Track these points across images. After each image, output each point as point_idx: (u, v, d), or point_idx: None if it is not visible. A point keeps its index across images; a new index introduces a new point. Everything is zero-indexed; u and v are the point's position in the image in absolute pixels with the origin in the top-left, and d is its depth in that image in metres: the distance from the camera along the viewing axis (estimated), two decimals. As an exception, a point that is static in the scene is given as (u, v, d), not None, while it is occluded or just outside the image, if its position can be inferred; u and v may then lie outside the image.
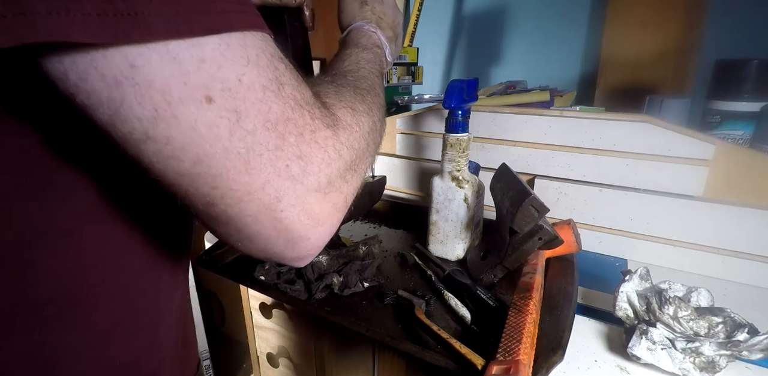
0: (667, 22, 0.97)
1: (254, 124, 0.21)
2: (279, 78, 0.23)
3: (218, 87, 0.20)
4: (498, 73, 1.33)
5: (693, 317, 0.45)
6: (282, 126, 0.22)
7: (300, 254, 0.26)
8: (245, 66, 0.21)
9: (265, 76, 0.22)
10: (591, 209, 0.72)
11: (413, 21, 1.18)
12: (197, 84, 0.19)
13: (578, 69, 1.19)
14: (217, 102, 0.20)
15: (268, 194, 0.23)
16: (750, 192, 0.61)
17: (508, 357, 0.38)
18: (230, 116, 0.20)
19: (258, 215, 0.23)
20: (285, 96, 0.23)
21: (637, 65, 1.03)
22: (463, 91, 0.60)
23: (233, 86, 0.20)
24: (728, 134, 0.78)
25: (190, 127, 0.20)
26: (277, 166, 0.22)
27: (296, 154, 0.23)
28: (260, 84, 0.21)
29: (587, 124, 0.70)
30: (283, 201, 0.23)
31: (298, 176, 0.23)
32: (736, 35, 0.93)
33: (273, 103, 0.22)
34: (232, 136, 0.21)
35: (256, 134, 0.21)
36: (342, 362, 0.62)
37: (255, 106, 0.21)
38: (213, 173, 0.21)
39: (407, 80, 1.11)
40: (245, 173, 0.21)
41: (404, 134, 0.92)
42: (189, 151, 0.20)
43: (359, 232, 0.80)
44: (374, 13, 0.49)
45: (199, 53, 0.19)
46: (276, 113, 0.22)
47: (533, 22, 1.24)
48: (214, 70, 0.20)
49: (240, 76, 0.21)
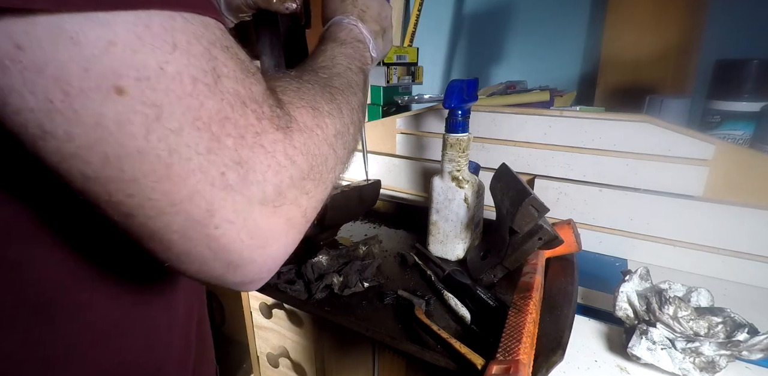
0: (667, 22, 0.97)
1: (180, 122, 0.18)
2: (216, 69, 0.19)
3: (132, 75, 0.17)
4: (498, 73, 1.33)
5: (693, 317, 0.45)
6: (217, 126, 0.19)
7: (245, 278, 0.23)
8: (170, 53, 0.18)
9: (196, 67, 0.18)
10: (591, 209, 0.72)
11: (413, 21, 1.18)
12: (103, 71, 0.16)
13: (578, 69, 1.19)
14: (130, 94, 0.17)
15: (198, 206, 0.19)
16: (750, 192, 0.61)
17: (508, 357, 0.38)
18: (147, 111, 0.17)
19: (186, 231, 0.20)
20: (223, 91, 0.19)
21: (637, 65, 1.03)
22: (463, 91, 0.60)
23: (152, 76, 0.17)
24: (728, 134, 0.78)
25: (95, 122, 0.17)
26: (210, 173, 0.19)
27: (234, 159, 0.20)
28: (190, 75, 0.18)
29: (587, 124, 0.70)
30: (217, 216, 0.20)
31: (237, 186, 0.20)
32: (736, 35, 0.93)
33: (206, 98, 0.19)
34: (150, 136, 0.17)
35: (183, 134, 0.18)
36: (342, 362, 0.62)
37: (182, 101, 0.18)
38: (126, 178, 0.18)
39: (407, 80, 1.11)
40: (167, 180, 0.18)
41: (404, 134, 0.92)
42: (95, 151, 0.17)
43: (359, 232, 0.80)
44: (356, 6, 0.45)
45: (107, 34, 0.16)
46: (210, 111, 0.19)
47: (533, 22, 1.24)
48: (127, 55, 0.17)
49: (162, 64, 0.17)
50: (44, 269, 0.24)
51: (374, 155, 0.96)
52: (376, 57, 0.45)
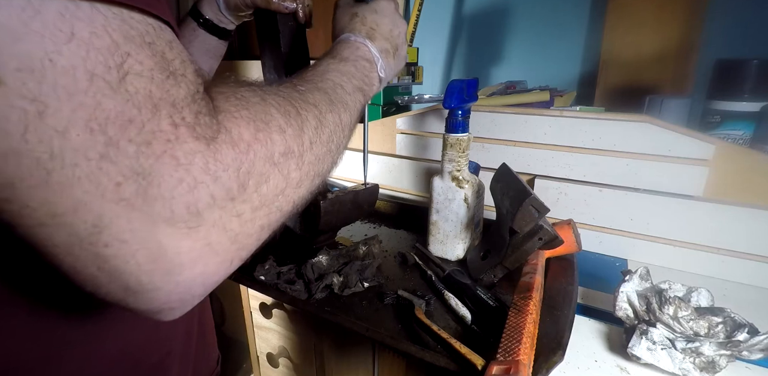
0: (667, 22, 0.97)
1: (68, 122, 0.16)
2: (125, 66, 0.17)
3: (12, 65, 0.15)
4: (498, 73, 1.33)
5: (693, 317, 0.45)
6: (116, 129, 0.17)
7: (151, 306, 0.20)
8: (64, 43, 0.16)
9: (97, 61, 0.16)
10: (591, 209, 0.72)
11: (413, 21, 1.18)
12: None
13: (578, 69, 1.19)
14: (7, 85, 0.15)
15: (84, 220, 0.17)
16: (750, 192, 0.61)
17: (508, 357, 0.38)
18: (28, 107, 0.15)
19: (71, 248, 0.17)
20: (130, 91, 0.17)
21: (637, 65, 1.03)
22: (463, 91, 0.60)
23: (37, 67, 0.15)
24: (728, 134, 0.78)
25: None
26: (101, 183, 0.17)
27: (134, 169, 0.17)
28: (86, 70, 0.16)
29: (587, 124, 0.70)
30: (106, 232, 0.17)
31: (136, 200, 0.17)
32: (736, 35, 0.93)
33: (105, 97, 0.16)
34: (28, 135, 0.15)
35: (69, 136, 0.16)
36: (342, 362, 0.62)
37: (73, 98, 0.16)
38: (1, 182, 0.16)
39: (407, 80, 1.11)
40: (46, 187, 0.16)
41: (404, 134, 0.92)
42: None
43: (359, 232, 0.80)
44: (365, 24, 0.43)
45: None
46: (108, 111, 0.16)
47: (533, 22, 1.24)
48: (6, 42, 0.15)
49: (51, 54, 0.15)
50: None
51: (374, 155, 0.96)
52: (384, 77, 0.42)
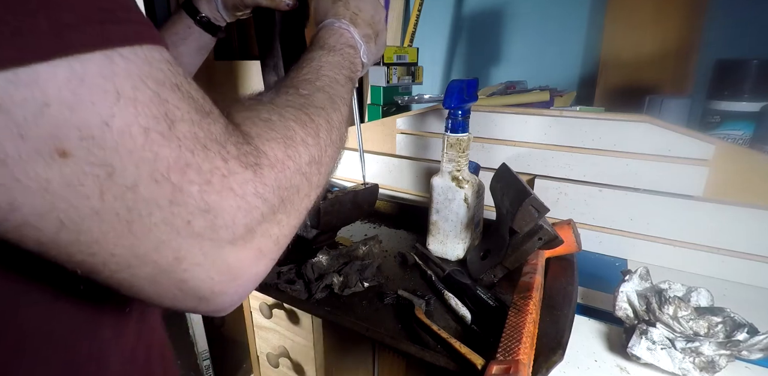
0: (667, 22, 0.97)
1: (135, 177, 0.17)
2: (169, 114, 0.18)
3: (75, 136, 0.15)
4: (498, 73, 1.33)
5: (693, 317, 0.45)
6: (178, 175, 0.18)
7: (218, 307, 0.23)
8: (114, 104, 0.16)
9: (146, 115, 0.17)
10: (591, 209, 0.72)
11: (413, 21, 1.18)
12: (41, 135, 0.15)
13: (578, 69, 1.19)
14: (75, 155, 0.15)
15: (165, 256, 0.19)
16: (750, 192, 0.61)
17: (508, 357, 0.38)
18: (98, 171, 0.16)
19: (155, 278, 0.19)
20: (180, 137, 0.18)
21: (637, 65, 1.03)
22: (463, 91, 0.60)
23: (97, 133, 0.16)
24: (728, 134, 0.78)
25: (42, 188, 0.15)
26: (175, 224, 0.18)
27: (201, 207, 0.19)
28: (140, 126, 0.17)
29: (587, 124, 0.70)
30: (185, 262, 0.19)
31: (206, 233, 0.19)
32: (736, 35, 0.93)
33: (161, 147, 0.17)
34: (105, 195, 0.16)
35: (139, 190, 0.17)
36: (342, 362, 0.62)
37: (134, 155, 0.17)
38: (85, 240, 0.17)
39: (407, 80, 1.11)
40: (129, 235, 0.17)
41: (404, 134, 0.92)
42: (47, 218, 0.16)
43: (359, 232, 0.80)
44: (348, 9, 0.43)
45: (35, 95, 0.14)
46: (167, 160, 0.17)
47: (533, 22, 1.24)
48: (64, 115, 0.15)
49: (107, 118, 0.16)
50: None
51: (374, 155, 0.96)
52: (367, 62, 0.43)
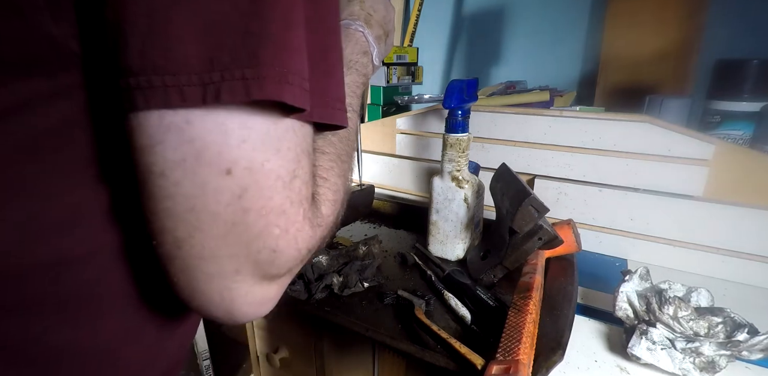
0: (667, 22, 0.97)
1: (251, 205, 0.22)
2: (296, 171, 0.24)
3: (243, 165, 0.22)
4: (498, 73, 1.33)
5: (693, 317, 0.45)
6: (274, 217, 0.23)
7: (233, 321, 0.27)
8: (274, 154, 0.23)
9: (285, 168, 0.23)
10: (591, 209, 0.72)
11: (413, 21, 1.18)
12: (229, 157, 0.21)
13: (578, 69, 1.19)
14: (234, 175, 0.22)
15: (230, 265, 0.23)
16: (750, 192, 0.61)
17: (507, 357, 0.38)
18: (237, 191, 0.22)
19: (212, 277, 0.24)
20: (292, 189, 0.24)
21: (637, 65, 1.03)
22: (463, 91, 0.60)
23: (255, 168, 0.22)
24: (728, 134, 0.78)
25: (201, 184, 0.21)
26: (251, 248, 0.23)
27: (272, 247, 0.24)
28: (277, 173, 0.23)
29: (587, 124, 0.70)
30: (239, 277, 0.24)
31: (263, 265, 0.24)
32: (736, 35, 0.93)
33: (277, 193, 0.23)
34: (228, 208, 0.22)
35: (248, 215, 0.22)
36: (342, 362, 0.62)
37: (262, 191, 0.22)
38: (197, 225, 0.22)
39: (407, 80, 1.11)
40: (221, 239, 0.23)
41: (404, 134, 0.92)
42: (189, 201, 0.22)
43: (359, 232, 0.80)
44: (363, 9, 0.44)
45: (245, 134, 0.21)
46: (275, 203, 0.23)
47: (533, 22, 1.24)
48: (248, 151, 0.22)
49: (264, 161, 0.22)
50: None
51: (374, 155, 0.96)
52: (377, 65, 0.44)
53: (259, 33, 0.20)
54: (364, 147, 0.99)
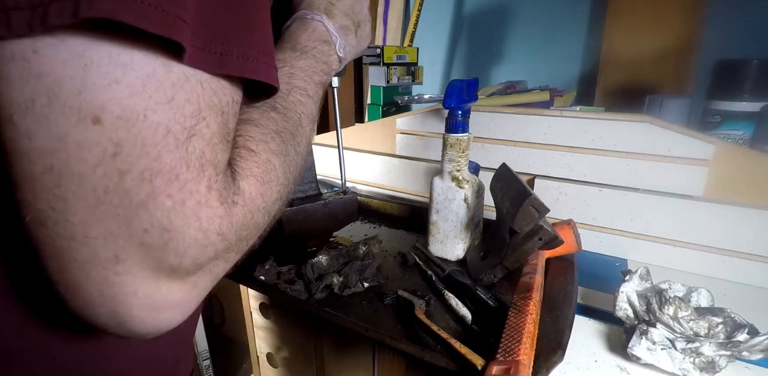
0: (667, 22, 0.97)
1: (129, 167, 0.18)
2: (195, 127, 0.19)
3: (115, 113, 0.17)
4: (498, 73, 1.33)
5: (693, 317, 0.45)
6: (162, 182, 0.18)
7: (127, 334, 0.21)
8: (164, 104, 0.18)
9: (178, 122, 0.19)
10: (591, 209, 0.72)
11: (413, 21, 1.18)
12: (93, 100, 0.17)
13: (578, 69, 1.19)
14: (103, 126, 0.17)
15: (107, 248, 0.19)
16: (750, 192, 0.61)
17: (508, 357, 0.38)
18: (109, 147, 0.17)
19: (87, 265, 0.19)
20: (189, 150, 0.19)
21: (637, 65, 1.03)
22: (463, 91, 0.60)
23: (132, 119, 0.17)
24: (728, 134, 0.78)
25: (58, 136, 0.17)
26: (132, 226, 0.18)
27: (163, 224, 0.19)
28: (165, 127, 0.18)
29: (587, 124, 0.70)
30: (121, 265, 0.19)
31: (154, 249, 0.19)
32: (736, 35, 0.93)
33: (167, 152, 0.18)
34: (98, 168, 0.17)
35: (125, 179, 0.18)
36: (342, 362, 0.62)
37: (144, 148, 0.18)
38: (58, 193, 0.18)
39: (407, 80, 1.11)
40: (90, 212, 0.18)
41: (404, 134, 0.92)
42: (45, 158, 0.17)
43: (359, 232, 0.80)
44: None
45: (116, 74, 0.17)
46: (163, 165, 0.18)
47: (533, 22, 1.24)
48: (123, 95, 0.17)
49: (148, 111, 0.18)
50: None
51: (374, 155, 0.96)
52: (344, 57, 0.41)
53: None
54: (363, 147, 0.99)
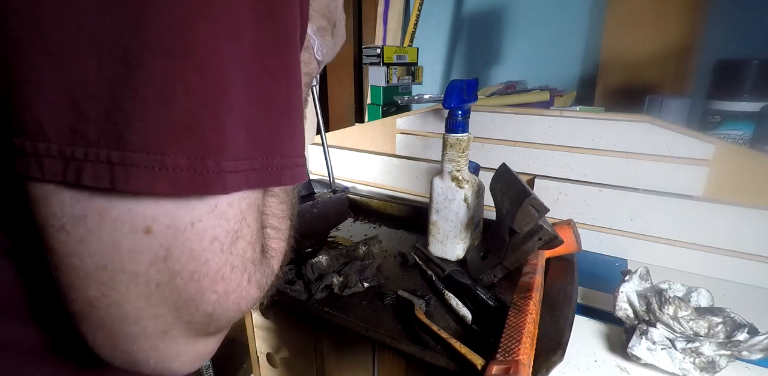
0: (667, 22, 0.97)
1: (180, 269, 0.19)
2: (239, 231, 0.21)
3: (165, 223, 0.18)
4: (498, 73, 1.33)
5: (693, 317, 0.45)
6: (209, 282, 0.20)
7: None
8: (207, 213, 0.19)
9: (223, 228, 0.20)
10: (591, 209, 0.72)
11: (413, 21, 1.18)
12: (145, 214, 0.18)
13: (578, 69, 1.19)
14: (154, 235, 0.18)
15: (157, 326, 0.20)
16: (750, 192, 0.61)
17: (508, 357, 0.38)
18: (159, 251, 0.19)
19: (136, 338, 0.21)
20: (233, 252, 0.21)
21: (637, 65, 1.03)
22: (463, 91, 0.60)
23: (181, 228, 0.19)
24: (728, 134, 0.78)
25: (112, 243, 0.18)
26: (181, 311, 0.20)
27: (208, 312, 0.21)
28: (212, 235, 0.20)
29: (587, 124, 0.70)
30: (168, 336, 0.21)
31: (197, 325, 0.21)
32: (736, 35, 0.93)
33: (214, 256, 0.20)
34: (150, 268, 0.19)
35: (176, 279, 0.19)
36: (342, 362, 0.62)
37: (193, 253, 0.19)
38: (111, 285, 0.19)
39: (407, 80, 1.11)
40: (143, 300, 0.19)
41: (404, 134, 0.92)
42: (99, 259, 0.18)
43: (359, 232, 0.80)
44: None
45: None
46: (210, 268, 0.20)
47: (533, 22, 1.24)
48: (171, 207, 0.18)
49: (195, 221, 0.19)
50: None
51: (374, 155, 0.96)
52: (322, 60, 0.40)
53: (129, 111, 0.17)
54: (363, 147, 0.99)
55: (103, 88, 0.16)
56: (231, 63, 0.18)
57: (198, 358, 0.23)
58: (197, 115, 0.17)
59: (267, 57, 0.20)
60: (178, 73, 0.17)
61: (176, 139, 0.17)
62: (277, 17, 0.20)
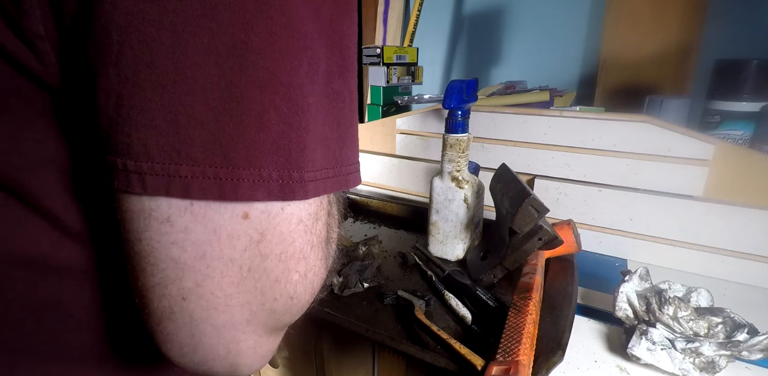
0: (667, 22, 0.97)
1: (270, 251, 0.21)
2: (318, 213, 0.24)
3: (260, 208, 0.21)
4: (498, 73, 1.33)
5: (693, 317, 0.45)
6: (294, 262, 0.23)
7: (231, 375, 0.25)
8: (293, 201, 0.22)
9: (307, 211, 0.23)
10: (591, 209, 0.72)
11: (413, 21, 1.17)
12: (243, 201, 0.20)
13: (578, 69, 1.19)
14: (251, 219, 0.21)
15: (242, 314, 0.22)
16: (750, 192, 0.61)
17: (507, 358, 0.38)
18: (254, 236, 0.21)
19: (222, 329, 0.22)
20: (314, 233, 0.23)
21: (637, 65, 1.02)
22: (463, 91, 0.60)
23: (273, 212, 0.21)
24: (728, 134, 0.78)
25: (213, 229, 0.20)
26: (267, 296, 0.22)
27: (290, 294, 0.23)
28: (298, 217, 0.22)
29: (587, 124, 0.70)
30: (250, 326, 0.23)
31: (278, 313, 0.23)
32: (736, 35, 0.93)
33: (299, 237, 0.22)
34: (245, 253, 0.21)
35: (267, 261, 0.22)
36: (342, 362, 0.62)
37: (282, 236, 0.22)
38: (206, 273, 0.21)
39: (407, 80, 1.11)
40: (235, 286, 0.21)
41: (404, 134, 0.92)
42: (199, 247, 0.20)
43: (359, 232, 0.80)
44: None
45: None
46: (296, 248, 0.22)
47: (533, 22, 1.24)
48: (277, 209, 0.21)
49: (285, 205, 0.22)
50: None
51: (374, 155, 0.96)
52: None
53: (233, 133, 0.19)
54: (363, 147, 0.99)
55: (209, 115, 0.19)
56: (309, 92, 0.21)
57: (265, 355, 0.25)
58: (285, 137, 0.20)
59: (334, 82, 0.23)
60: (273, 103, 0.20)
61: (270, 156, 0.20)
62: (343, 48, 0.23)
